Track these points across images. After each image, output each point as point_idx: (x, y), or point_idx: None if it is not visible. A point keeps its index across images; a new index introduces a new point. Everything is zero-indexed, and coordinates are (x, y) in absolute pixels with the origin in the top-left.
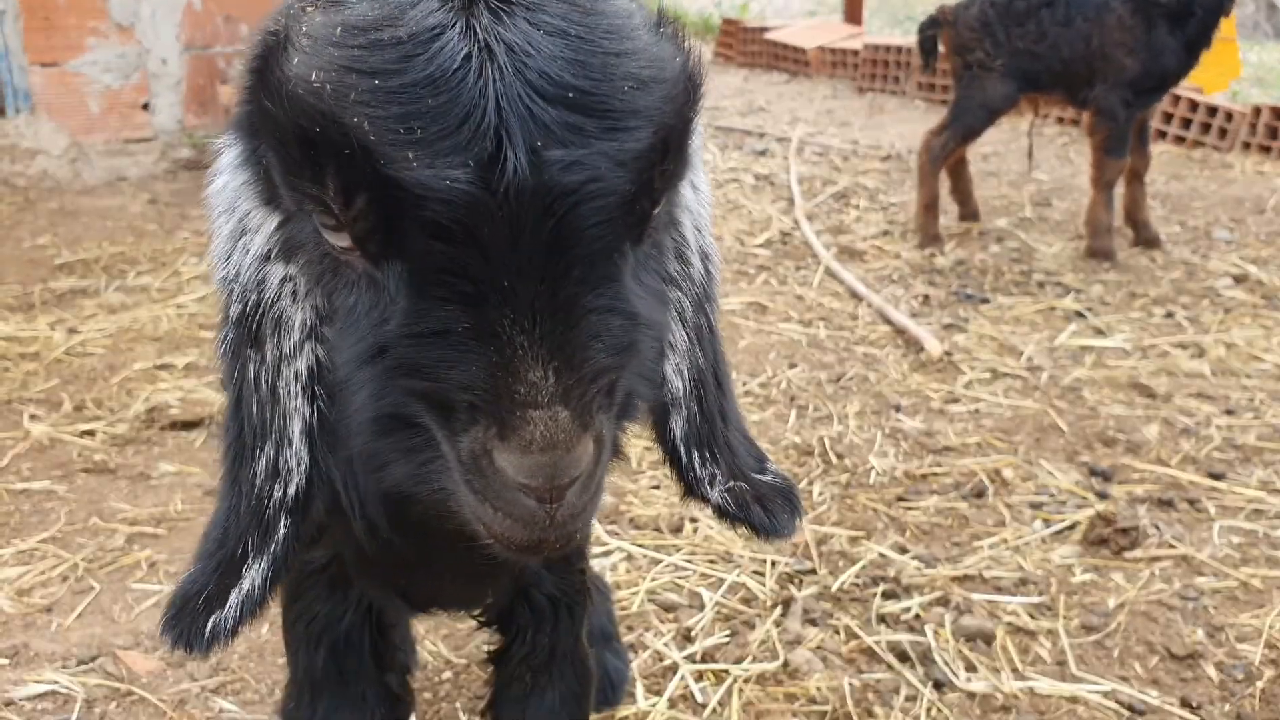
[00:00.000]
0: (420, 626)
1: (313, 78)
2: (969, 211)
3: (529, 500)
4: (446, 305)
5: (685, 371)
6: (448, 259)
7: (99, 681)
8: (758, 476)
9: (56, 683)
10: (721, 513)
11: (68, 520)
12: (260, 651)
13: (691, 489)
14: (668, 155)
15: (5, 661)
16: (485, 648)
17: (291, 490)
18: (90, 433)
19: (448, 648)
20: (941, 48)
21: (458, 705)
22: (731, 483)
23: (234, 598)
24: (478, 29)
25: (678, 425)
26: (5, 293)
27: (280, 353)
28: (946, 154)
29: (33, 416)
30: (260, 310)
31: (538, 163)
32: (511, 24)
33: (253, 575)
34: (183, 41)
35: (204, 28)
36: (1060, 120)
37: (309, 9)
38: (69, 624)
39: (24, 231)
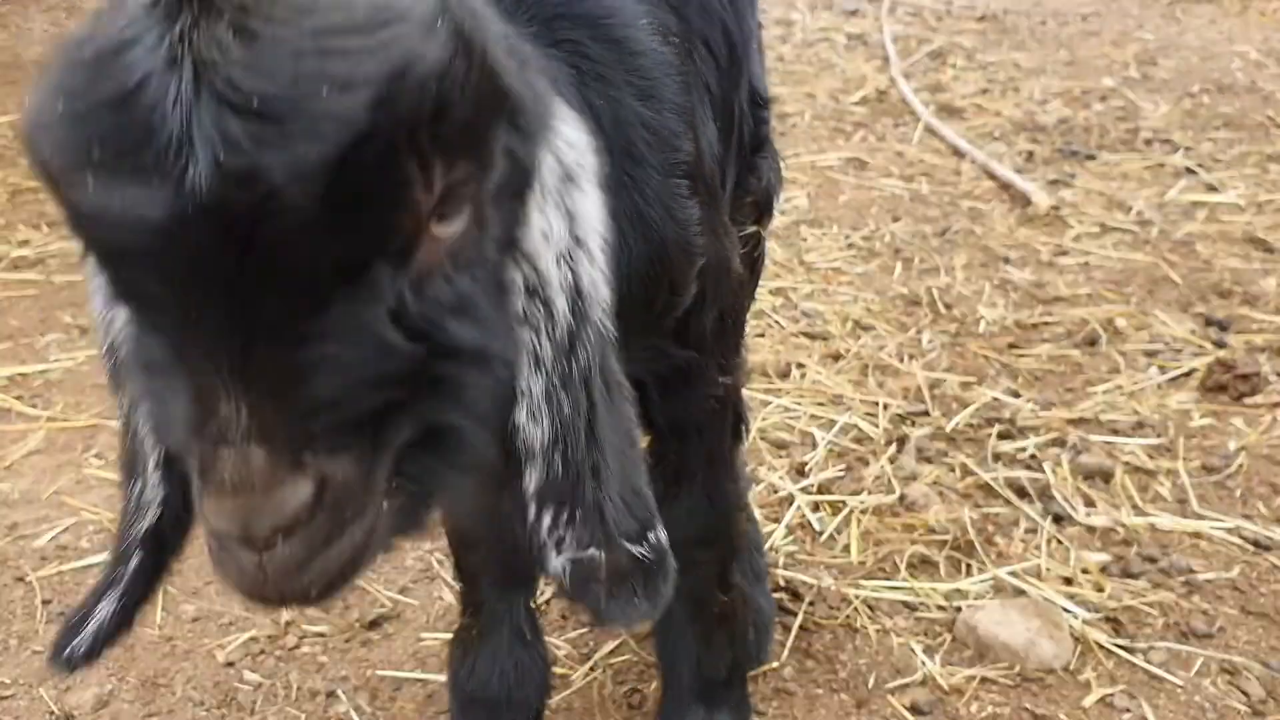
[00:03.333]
0: None
1: (28, 105)
2: None
3: (236, 549)
4: (149, 336)
5: (546, 422)
6: (138, 288)
7: None
8: (630, 546)
9: None
10: (560, 587)
11: None
12: None
13: (530, 550)
14: (422, 165)
15: None
16: None
17: (146, 524)
18: None
19: None
20: None
21: None
22: (585, 552)
23: (90, 626)
24: (169, 40)
25: (532, 480)
26: None
27: (133, 393)
28: None
29: None
30: (115, 353)
31: (216, 178)
32: (208, 32)
33: (106, 606)
34: None
35: None
36: None
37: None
38: None
39: None
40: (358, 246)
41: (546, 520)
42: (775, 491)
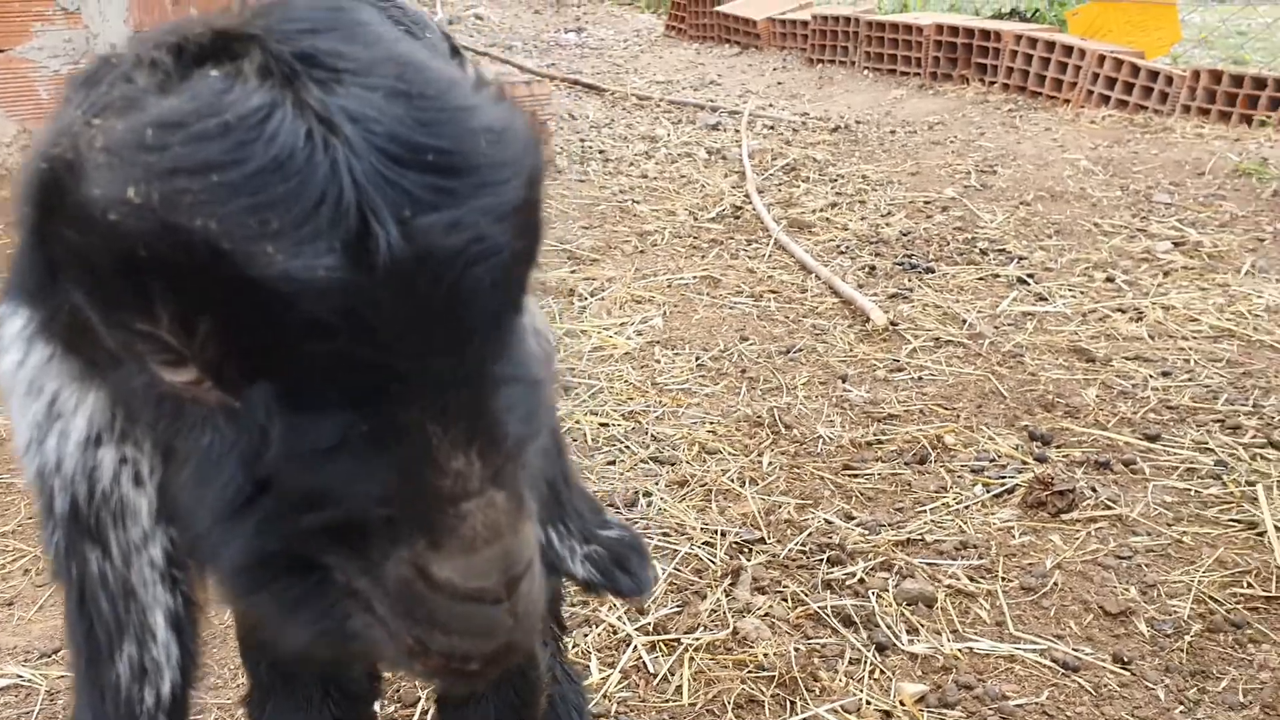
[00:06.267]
0: None
1: (130, 193)
2: None
3: (485, 607)
4: (336, 412)
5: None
6: (330, 359)
7: (61, 673)
8: (605, 534)
9: (19, 676)
10: (589, 585)
11: (27, 513)
12: (224, 637)
13: (554, 568)
14: (537, 212)
15: None
16: None
17: (165, 690)
18: None
19: None
20: None
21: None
22: (589, 548)
23: None
24: (310, 102)
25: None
26: None
27: (129, 543)
28: None
29: None
30: (95, 501)
31: (411, 232)
32: (345, 92)
33: None
34: (131, 25)
35: (153, 11)
36: (1006, 88)
37: (97, 120)
38: (30, 617)
39: None
40: (519, 287)
41: (554, 537)
42: (614, 633)
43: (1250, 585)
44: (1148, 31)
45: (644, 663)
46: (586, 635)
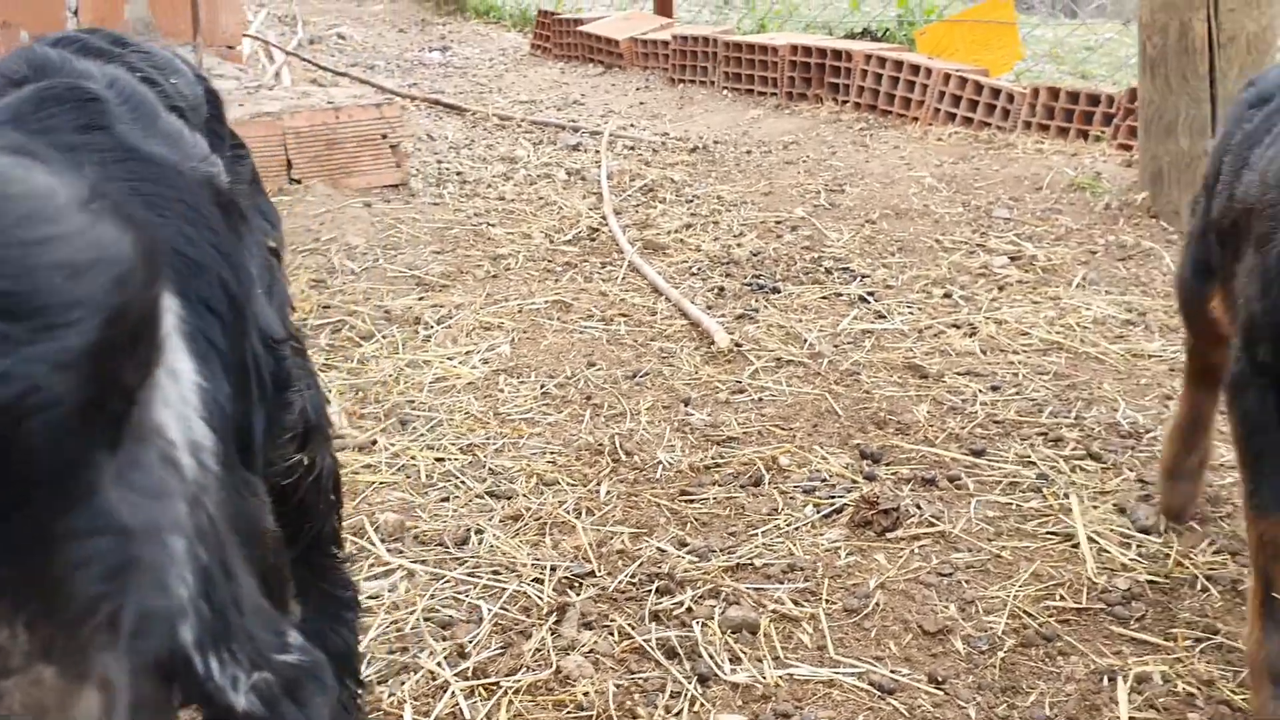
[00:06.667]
0: None
1: None
2: None
3: None
4: None
5: (188, 575)
6: None
7: None
8: (281, 658)
9: None
10: (250, 719)
11: None
12: None
13: (212, 700)
14: (138, 344)
15: None
16: None
17: None
18: None
19: None
20: None
21: None
22: (256, 676)
23: None
24: None
25: (189, 633)
26: None
27: None
28: None
29: None
30: None
31: None
32: None
33: None
34: None
35: None
36: (858, 106)
37: None
38: None
39: None
40: (108, 429)
41: (214, 665)
42: (433, 679)
43: (1063, 597)
44: (991, 50)
45: (460, 709)
46: (404, 684)
